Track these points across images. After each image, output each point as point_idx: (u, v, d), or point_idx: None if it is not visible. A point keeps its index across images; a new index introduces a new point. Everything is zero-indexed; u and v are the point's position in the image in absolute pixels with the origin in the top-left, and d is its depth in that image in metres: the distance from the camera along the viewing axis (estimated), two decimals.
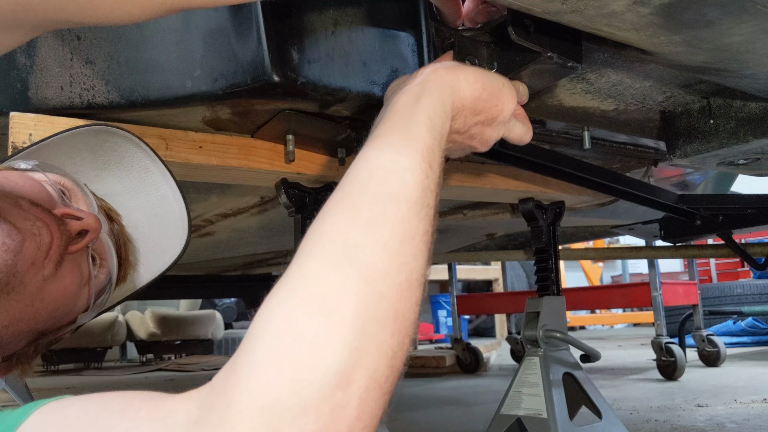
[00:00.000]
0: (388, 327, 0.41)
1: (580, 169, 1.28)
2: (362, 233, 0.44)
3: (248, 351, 0.39)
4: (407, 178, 0.49)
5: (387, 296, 0.42)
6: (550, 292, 1.57)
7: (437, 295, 7.00)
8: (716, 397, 2.30)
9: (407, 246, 0.45)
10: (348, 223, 0.45)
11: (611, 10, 0.64)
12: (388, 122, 0.55)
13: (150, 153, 0.78)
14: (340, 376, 0.38)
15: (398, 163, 0.49)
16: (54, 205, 0.63)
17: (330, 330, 0.39)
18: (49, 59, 0.95)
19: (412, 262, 0.45)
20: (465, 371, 3.59)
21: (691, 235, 1.87)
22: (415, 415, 2.22)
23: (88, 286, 0.66)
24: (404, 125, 0.53)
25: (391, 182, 0.48)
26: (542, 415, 1.38)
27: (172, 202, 0.79)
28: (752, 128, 1.05)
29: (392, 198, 0.47)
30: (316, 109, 0.94)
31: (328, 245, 0.44)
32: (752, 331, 4.26)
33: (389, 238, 0.44)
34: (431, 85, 0.58)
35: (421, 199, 0.48)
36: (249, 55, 0.83)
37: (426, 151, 0.52)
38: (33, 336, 0.62)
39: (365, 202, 0.47)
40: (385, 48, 0.92)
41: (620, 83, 1.05)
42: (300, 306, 0.40)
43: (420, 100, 0.56)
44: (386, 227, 0.45)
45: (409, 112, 0.55)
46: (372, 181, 0.48)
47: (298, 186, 1.14)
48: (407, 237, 0.45)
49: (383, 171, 0.49)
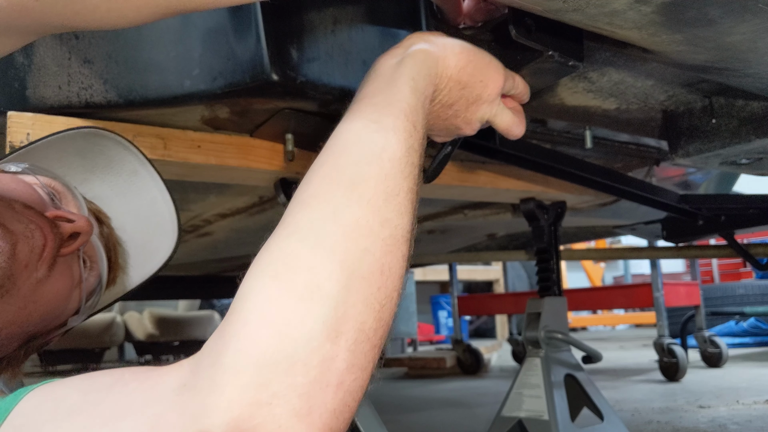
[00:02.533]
0: (374, 281, 0.42)
1: (582, 168, 1.27)
2: (345, 192, 0.45)
3: (236, 311, 0.40)
4: (390, 137, 0.49)
5: (372, 251, 0.43)
6: (551, 292, 1.56)
7: (438, 296, 7.00)
8: (718, 398, 2.30)
9: (391, 203, 0.46)
10: (332, 183, 0.46)
11: (613, 8, 0.64)
12: (370, 84, 0.55)
13: (139, 156, 0.78)
14: (328, 329, 0.38)
15: (381, 123, 0.50)
16: (45, 207, 0.63)
17: (316, 285, 0.40)
18: (47, 58, 0.95)
19: (396, 219, 0.46)
20: (466, 372, 3.59)
21: (693, 235, 1.86)
22: (415, 416, 2.22)
23: (79, 289, 0.66)
24: (387, 86, 0.54)
25: (374, 142, 0.49)
26: (543, 417, 1.37)
27: (162, 205, 0.79)
28: (754, 127, 1.04)
29: (375, 157, 0.48)
30: (315, 109, 0.93)
31: (313, 204, 0.45)
32: (754, 332, 4.25)
33: (372, 196, 0.45)
34: (415, 49, 0.58)
35: (405, 157, 0.49)
36: (248, 54, 0.83)
37: (409, 110, 0.52)
38: (24, 338, 0.62)
39: (349, 163, 0.48)
40: (385, 46, 0.91)
41: (622, 82, 1.05)
42: (285, 265, 0.41)
43: (403, 62, 0.56)
44: (369, 185, 0.46)
45: (391, 73, 0.55)
46: (356, 142, 0.49)
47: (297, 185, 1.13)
48: (391, 194, 0.46)
49: (367, 131, 0.50)
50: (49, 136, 0.73)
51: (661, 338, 2.95)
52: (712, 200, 1.70)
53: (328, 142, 0.51)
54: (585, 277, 8.22)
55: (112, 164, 0.77)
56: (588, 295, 3.78)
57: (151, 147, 0.97)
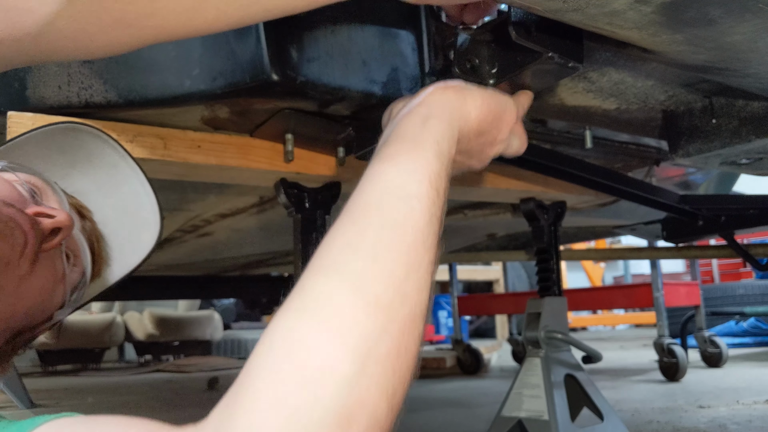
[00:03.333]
0: (390, 364, 0.40)
1: (582, 168, 1.27)
2: (367, 262, 0.43)
3: (245, 386, 0.38)
4: (415, 205, 0.47)
5: (390, 331, 0.41)
6: (551, 292, 1.56)
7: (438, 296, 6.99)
8: (719, 398, 2.29)
9: (412, 277, 0.44)
10: (353, 251, 0.44)
11: (613, 8, 0.64)
12: (394, 144, 0.53)
13: (119, 149, 0.78)
14: (340, 417, 0.36)
15: (406, 189, 0.48)
16: (26, 204, 0.64)
17: (330, 368, 0.37)
18: None
19: (416, 295, 0.43)
20: (466, 372, 3.59)
21: (693, 235, 1.86)
22: (415, 416, 2.22)
23: (62, 284, 0.67)
24: (412, 148, 0.52)
25: (398, 209, 0.47)
26: (543, 417, 1.37)
27: (144, 197, 0.79)
28: (755, 127, 1.04)
29: (399, 225, 0.46)
30: (315, 108, 0.93)
31: (332, 273, 0.42)
32: (754, 332, 4.25)
33: (394, 268, 0.43)
34: (438, 108, 0.57)
35: (427, 227, 0.47)
36: (248, 54, 0.83)
37: (434, 176, 0.50)
38: (10, 334, 0.62)
39: (371, 229, 0.45)
40: (385, 46, 0.91)
41: (622, 82, 1.05)
42: (298, 343, 0.38)
43: (428, 122, 0.55)
44: (392, 256, 0.44)
45: (416, 134, 0.54)
46: (379, 207, 0.47)
47: (297, 186, 1.13)
48: (413, 268, 0.44)
49: (391, 197, 0.47)
50: (26, 132, 0.74)
51: (661, 338, 2.95)
52: (712, 200, 1.70)
53: (350, 203, 0.48)
54: (585, 277, 8.22)
55: (91, 158, 0.77)
56: (588, 295, 3.78)
57: (151, 147, 0.97)
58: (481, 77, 0.80)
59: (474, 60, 0.80)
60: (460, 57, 0.79)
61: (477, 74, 0.80)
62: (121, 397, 3.09)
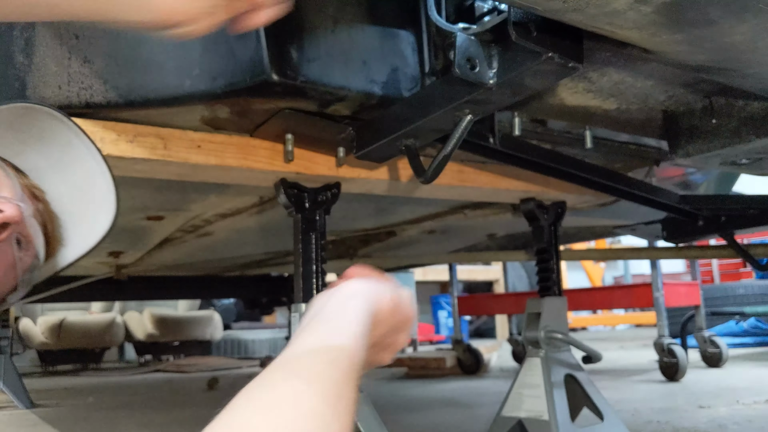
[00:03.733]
0: None
1: (582, 169, 1.27)
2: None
3: None
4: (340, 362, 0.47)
5: None
6: (551, 292, 1.56)
7: (438, 296, 7.00)
8: (718, 398, 2.30)
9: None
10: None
11: (613, 8, 0.64)
12: (315, 320, 0.54)
13: (73, 127, 0.77)
14: None
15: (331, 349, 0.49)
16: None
17: None
18: (47, 58, 0.95)
19: None
20: (466, 372, 3.59)
21: (693, 235, 1.86)
22: (415, 416, 2.22)
23: (14, 270, 0.68)
24: (335, 322, 0.53)
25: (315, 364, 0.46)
26: (543, 417, 1.37)
27: (99, 177, 0.78)
28: (755, 128, 1.04)
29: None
30: (315, 108, 0.93)
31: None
32: (755, 332, 4.25)
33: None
34: (356, 294, 0.59)
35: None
36: (248, 54, 0.83)
37: (353, 353, 0.51)
38: None
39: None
40: (385, 47, 0.91)
41: (622, 82, 1.05)
42: None
43: (348, 303, 0.57)
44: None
45: (337, 312, 0.55)
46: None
47: (297, 186, 1.13)
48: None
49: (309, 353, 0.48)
50: None
51: (661, 338, 2.95)
52: (712, 200, 1.70)
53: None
54: (585, 277, 8.22)
55: (43, 135, 0.76)
56: (588, 295, 3.78)
57: (152, 147, 0.97)
58: (481, 77, 0.80)
59: (474, 60, 0.80)
60: (460, 57, 0.79)
61: (477, 74, 0.80)
62: (121, 397, 3.09)
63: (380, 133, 0.97)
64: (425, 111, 0.89)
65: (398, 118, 0.93)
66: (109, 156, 0.95)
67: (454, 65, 0.78)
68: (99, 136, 0.94)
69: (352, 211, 1.74)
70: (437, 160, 0.92)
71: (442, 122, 0.91)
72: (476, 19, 0.87)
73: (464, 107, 0.87)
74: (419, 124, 0.91)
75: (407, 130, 0.93)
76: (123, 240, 1.94)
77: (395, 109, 0.94)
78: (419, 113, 0.90)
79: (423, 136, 0.96)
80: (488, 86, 0.80)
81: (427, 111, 0.89)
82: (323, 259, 1.15)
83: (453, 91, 0.85)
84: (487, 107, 0.88)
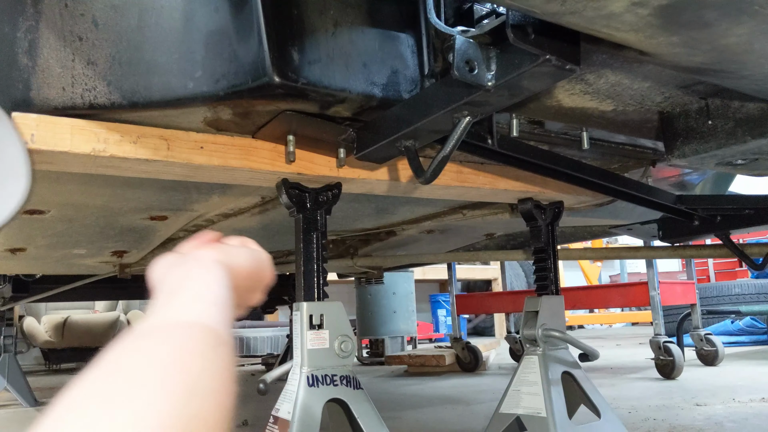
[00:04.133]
0: None
1: (579, 169, 1.28)
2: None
3: None
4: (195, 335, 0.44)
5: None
6: (548, 291, 1.57)
7: (437, 295, 7.01)
8: (715, 396, 2.31)
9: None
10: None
11: (610, 11, 0.65)
12: (167, 293, 0.51)
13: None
14: None
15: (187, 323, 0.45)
16: None
17: None
18: (51, 60, 0.95)
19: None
20: (464, 370, 3.60)
21: (689, 235, 1.87)
22: (414, 413, 2.23)
23: None
24: (191, 292, 0.51)
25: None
26: (541, 414, 1.38)
27: (11, 147, 0.72)
28: (750, 128, 1.05)
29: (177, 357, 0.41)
30: (316, 110, 0.94)
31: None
32: (750, 331, 4.28)
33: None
34: (214, 260, 0.59)
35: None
36: (250, 56, 0.84)
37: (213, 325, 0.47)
38: None
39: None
40: (386, 49, 0.92)
41: (619, 84, 1.06)
42: None
43: (213, 266, 0.57)
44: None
45: (195, 280, 0.53)
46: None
47: (298, 186, 1.14)
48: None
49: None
50: None
51: (657, 337, 2.96)
52: (707, 200, 1.71)
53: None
54: (582, 276, 8.24)
55: None
56: (585, 294, 3.79)
57: (155, 148, 0.98)
58: (480, 79, 0.81)
59: (472, 62, 0.81)
60: (459, 59, 0.80)
61: (475, 77, 0.81)
62: None
63: (380, 134, 0.98)
64: (424, 112, 0.90)
65: (398, 119, 0.94)
66: (113, 157, 0.96)
67: (453, 67, 0.79)
68: (103, 137, 0.95)
69: (352, 211, 1.75)
70: (436, 161, 0.94)
71: (441, 123, 0.92)
72: (475, 21, 0.88)
73: (463, 109, 0.88)
74: (419, 125, 0.92)
75: (407, 131, 0.94)
76: (127, 239, 1.95)
77: (395, 110, 0.95)
78: (419, 115, 0.91)
79: (422, 137, 0.97)
80: (487, 88, 0.81)
81: (427, 112, 0.90)
82: (324, 258, 1.16)
83: (452, 93, 0.86)
84: (485, 109, 0.89)
